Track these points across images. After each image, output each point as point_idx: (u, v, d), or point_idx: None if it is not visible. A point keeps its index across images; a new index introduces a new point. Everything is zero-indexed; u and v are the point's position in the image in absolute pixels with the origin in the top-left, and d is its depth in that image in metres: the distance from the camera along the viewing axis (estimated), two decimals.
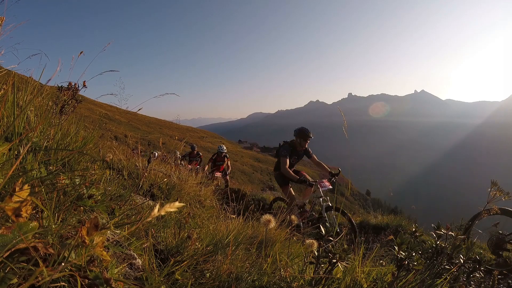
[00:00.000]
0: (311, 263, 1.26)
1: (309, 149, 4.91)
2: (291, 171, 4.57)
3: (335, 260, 1.19)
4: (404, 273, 1.24)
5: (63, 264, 0.60)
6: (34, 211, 0.84)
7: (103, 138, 2.56)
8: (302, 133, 4.76)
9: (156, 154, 3.91)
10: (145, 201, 1.78)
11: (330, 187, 4.44)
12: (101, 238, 0.65)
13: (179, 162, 8.71)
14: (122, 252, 1.01)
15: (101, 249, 0.65)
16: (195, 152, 10.56)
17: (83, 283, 0.63)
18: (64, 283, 0.64)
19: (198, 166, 9.84)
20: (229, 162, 10.00)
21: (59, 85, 1.92)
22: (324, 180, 4.48)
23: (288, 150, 4.72)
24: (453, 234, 1.46)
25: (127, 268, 0.99)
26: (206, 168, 9.21)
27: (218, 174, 9.39)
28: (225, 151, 9.99)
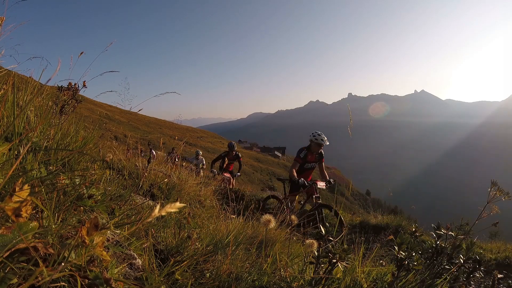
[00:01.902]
0: (311, 263, 1.26)
1: None
2: None
3: (335, 260, 1.19)
4: (404, 273, 1.24)
5: (63, 264, 0.60)
6: (34, 211, 0.84)
7: (103, 138, 2.56)
8: None
9: (154, 152, 3.77)
10: (145, 201, 1.78)
11: None
12: (101, 238, 0.65)
13: (212, 170, 7.08)
14: (122, 252, 1.01)
15: (101, 249, 0.65)
16: (234, 152, 7.91)
17: (83, 283, 0.63)
18: (64, 283, 0.64)
19: (238, 174, 7.99)
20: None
21: (59, 85, 1.93)
22: None
23: None
24: (453, 234, 1.46)
25: (127, 268, 0.99)
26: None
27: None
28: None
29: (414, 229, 1.61)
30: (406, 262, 1.18)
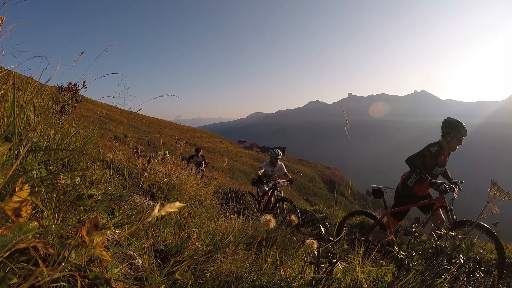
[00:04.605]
0: (311, 263, 1.26)
1: None
2: None
3: (335, 260, 1.19)
4: (404, 273, 1.24)
5: (63, 264, 0.60)
6: (34, 211, 0.84)
7: (103, 138, 2.56)
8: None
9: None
10: (145, 201, 1.78)
11: None
12: (101, 238, 0.65)
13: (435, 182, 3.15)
14: (122, 252, 1.01)
15: (101, 249, 0.65)
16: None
17: (83, 283, 0.63)
18: (64, 283, 0.64)
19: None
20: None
21: (59, 85, 1.92)
22: None
23: None
24: (453, 234, 1.46)
25: (127, 268, 0.99)
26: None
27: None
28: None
29: (414, 229, 1.61)
30: (406, 262, 1.18)
